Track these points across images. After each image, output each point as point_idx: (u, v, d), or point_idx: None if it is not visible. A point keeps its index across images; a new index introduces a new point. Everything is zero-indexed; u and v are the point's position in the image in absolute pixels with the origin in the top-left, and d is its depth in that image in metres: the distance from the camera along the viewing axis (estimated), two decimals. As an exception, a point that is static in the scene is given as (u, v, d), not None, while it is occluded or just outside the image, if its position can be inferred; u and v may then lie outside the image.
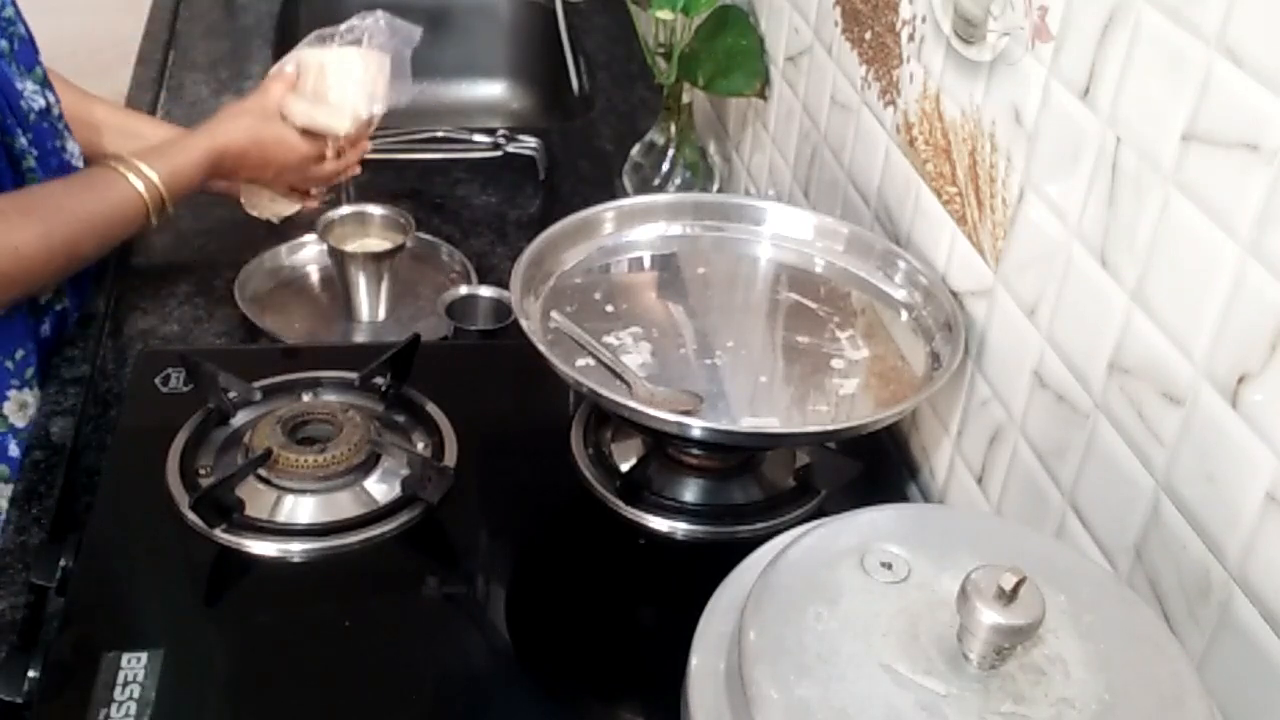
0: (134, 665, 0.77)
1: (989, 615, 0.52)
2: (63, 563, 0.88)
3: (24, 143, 1.11)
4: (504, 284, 1.15)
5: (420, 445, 0.98)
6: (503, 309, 1.19)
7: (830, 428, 0.90)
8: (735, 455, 0.96)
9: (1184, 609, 0.69)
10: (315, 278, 1.32)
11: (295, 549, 0.88)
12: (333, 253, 1.24)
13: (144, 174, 1.10)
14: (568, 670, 0.84)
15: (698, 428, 0.85)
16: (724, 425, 0.88)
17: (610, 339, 0.96)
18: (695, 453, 0.95)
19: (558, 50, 1.80)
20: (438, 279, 1.32)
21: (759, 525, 0.92)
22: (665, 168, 1.41)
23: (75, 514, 0.99)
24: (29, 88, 1.14)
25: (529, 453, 1.00)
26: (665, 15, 1.26)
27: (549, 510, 0.97)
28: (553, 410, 1.02)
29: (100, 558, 0.87)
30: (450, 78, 1.99)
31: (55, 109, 1.17)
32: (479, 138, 1.57)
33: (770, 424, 0.90)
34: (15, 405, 1.13)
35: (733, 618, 0.59)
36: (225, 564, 0.88)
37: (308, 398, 1.01)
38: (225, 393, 0.99)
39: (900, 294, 1.00)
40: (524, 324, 0.89)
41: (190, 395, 1.00)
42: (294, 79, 1.21)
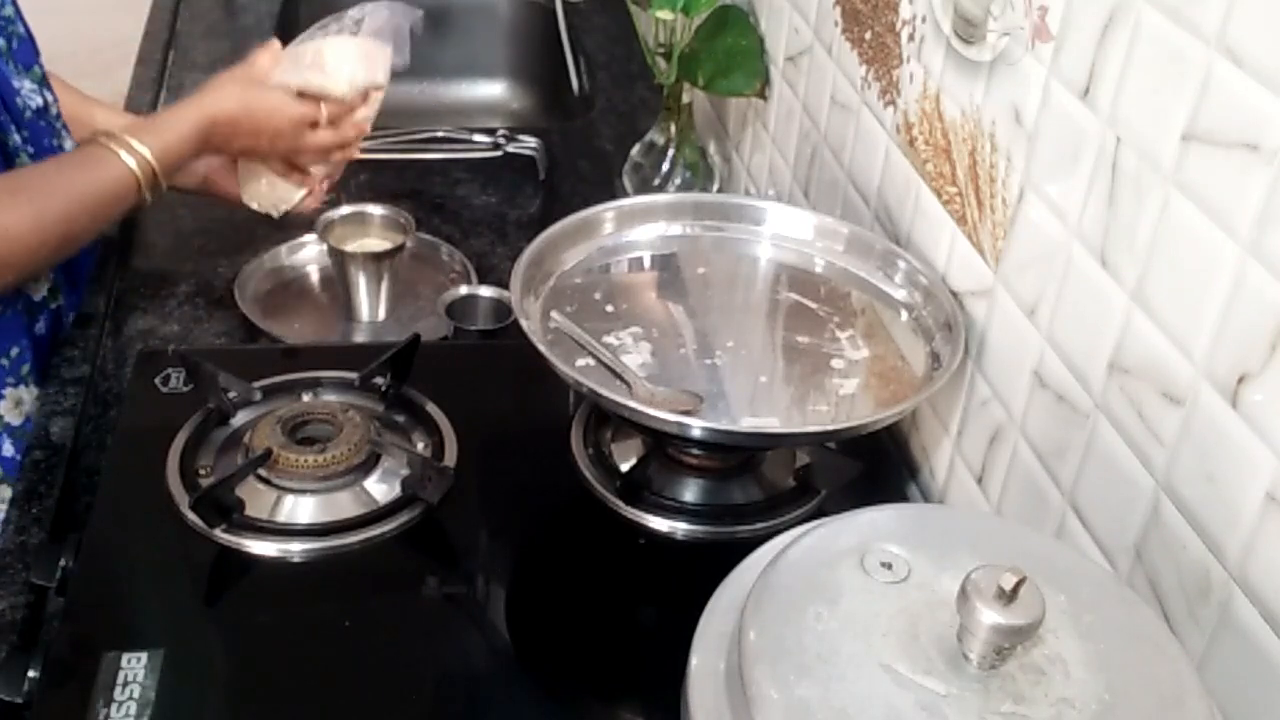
0: (134, 665, 0.77)
1: (989, 615, 0.52)
2: (63, 563, 0.88)
3: (18, 140, 1.11)
4: (504, 284, 1.15)
5: (420, 445, 0.98)
6: (503, 309, 1.19)
7: (830, 428, 0.90)
8: (735, 455, 0.96)
9: (1184, 609, 0.69)
10: (315, 278, 1.32)
11: (295, 549, 0.88)
12: (333, 253, 1.24)
13: (135, 150, 1.08)
14: (568, 670, 0.84)
15: (698, 428, 0.85)
16: (724, 425, 0.88)
17: (610, 339, 0.96)
18: (695, 453, 0.95)
19: (558, 50, 1.80)
20: (438, 279, 1.32)
21: (759, 525, 0.92)
22: (665, 168, 1.41)
23: (75, 514, 0.99)
24: (26, 86, 1.14)
25: (529, 453, 1.00)
26: (665, 15, 1.26)
27: (549, 510, 0.97)
28: (553, 410, 1.02)
29: (100, 558, 0.87)
30: (450, 78, 1.99)
31: (53, 108, 1.17)
32: (479, 138, 1.57)
33: (770, 424, 0.90)
34: (10, 403, 1.13)
35: (733, 618, 0.59)
36: (225, 564, 0.88)
37: (308, 398, 1.01)
38: (225, 393, 0.99)
39: (900, 294, 1.00)
40: (524, 324, 0.89)
41: (190, 395, 1.00)
42: (279, 49, 1.19)
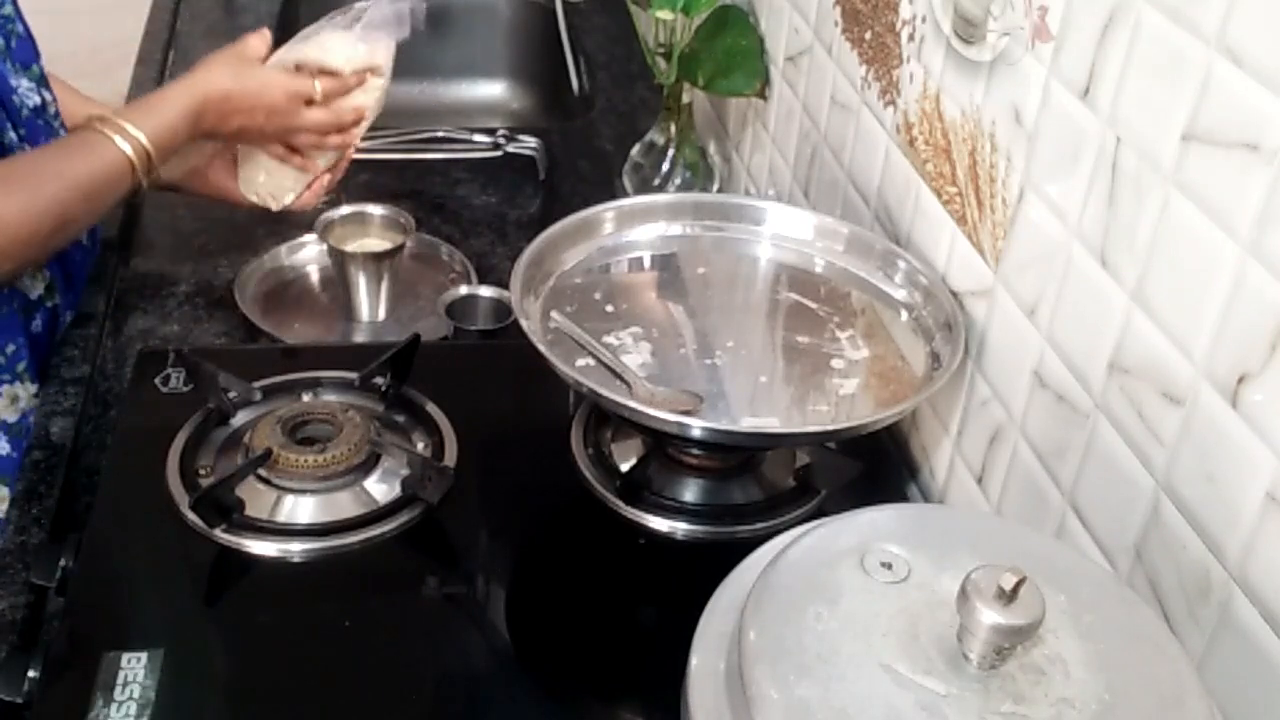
0: (134, 665, 0.77)
1: (989, 615, 0.52)
2: (63, 563, 0.88)
3: (14, 138, 1.10)
4: (504, 284, 1.15)
5: (420, 445, 0.98)
6: (503, 309, 1.19)
7: (830, 428, 0.90)
8: (735, 455, 0.96)
9: (1184, 609, 0.69)
10: (315, 278, 1.32)
11: (295, 549, 0.88)
12: (333, 253, 1.24)
13: (129, 133, 1.06)
14: (568, 670, 0.84)
15: (698, 428, 0.85)
16: (724, 425, 0.88)
17: (610, 339, 0.96)
18: (695, 453, 0.95)
19: (558, 50, 1.80)
20: (438, 279, 1.32)
21: (759, 525, 0.92)
22: (665, 168, 1.41)
23: (75, 514, 0.99)
24: (24, 84, 1.14)
25: (529, 453, 1.00)
26: (665, 15, 1.26)
27: (549, 510, 0.96)
28: (553, 410, 1.02)
29: (100, 558, 0.87)
30: (450, 78, 1.99)
31: (51, 107, 1.17)
32: (479, 138, 1.57)
33: (770, 424, 0.90)
34: (7, 400, 1.13)
35: (733, 618, 0.59)
36: (225, 564, 0.88)
37: (308, 398, 1.01)
38: (225, 393, 0.99)
39: (900, 294, 1.00)
40: (524, 324, 0.89)
41: (190, 395, 1.00)
42: (269, 35, 1.17)
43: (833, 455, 0.97)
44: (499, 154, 1.55)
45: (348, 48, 1.17)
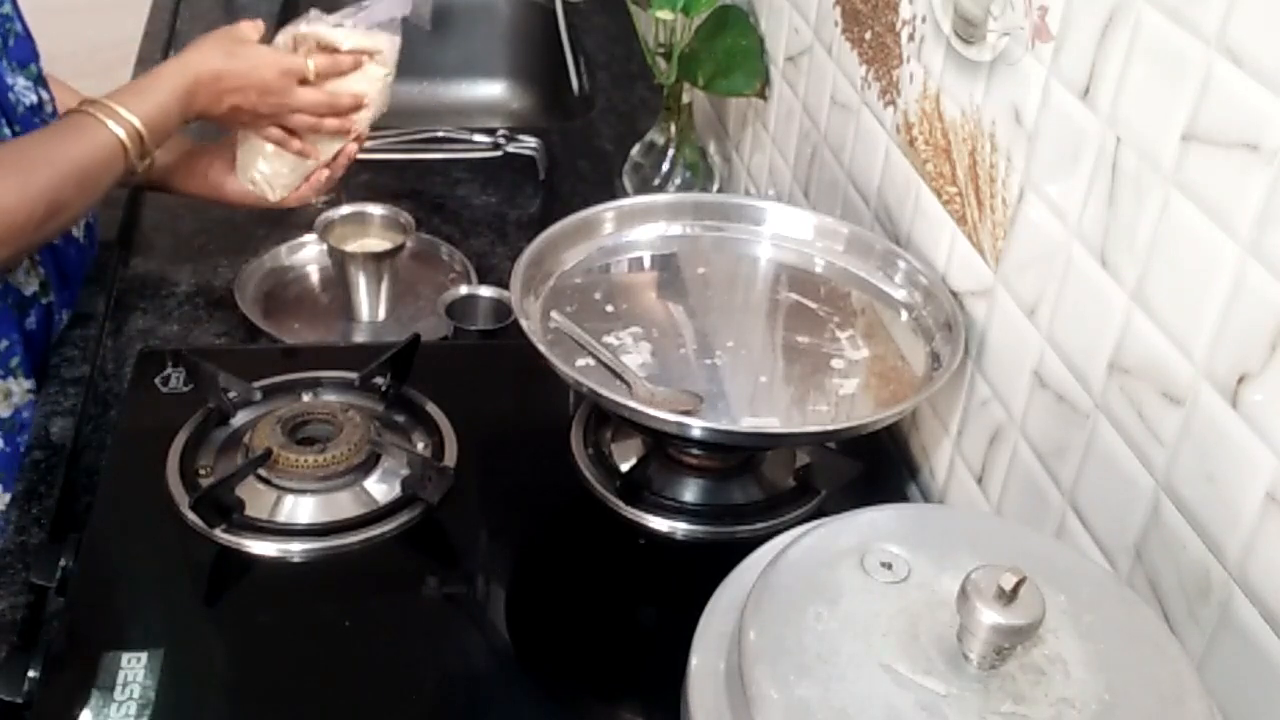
0: (134, 665, 0.77)
1: (989, 615, 0.52)
2: (63, 563, 0.88)
3: (9, 135, 1.10)
4: (504, 284, 1.15)
5: (420, 445, 0.98)
6: (503, 309, 1.19)
7: (830, 428, 0.90)
8: (735, 455, 0.96)
9: (1184, 609, 0.69)
10: (315, 278, 1.32)
11: (295, 549, 0.88)
12: (333, 253, 1.24)
13: (121, 116, 1.06)
14: (568, 670, 0.84)
15: (698, 428, 0.85)
16: (724, 425, 0.88)
17: (610, 339, 0.96)
18: (695, 453, 0.95)
19: (558, 50, 1.80)
20: (438, 279, 1.32)
21: (759, 525, 0.92)
22: (665, 168, 1.41)
23: (75, 514, 0.99)
24: (20, 83, 1.13)
25: (529, 453, 1.00)
26: (665, 15, 1.26)
27: (549, 510, 0.96)
28: (553, 410, 1.02)
29: (100, 558, 0.87)
30: (450, 78, 1.99)
31: (49, 106, 1.17)
32: (479, 138, 1.57)
33: (770, 424, 0.90)
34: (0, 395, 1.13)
35: (733, 618, 0.59)
36: (225, 564, 0.88)
37: (308, 398, 1.01)
38: (225, 393, 0.99)
39: (900, 294, 1.00)
40: (524, 324, 0.89)
41: (190, 395, 1.00)
42: (262, 24, 1.16)
43: (833, 455, 0.97)
44: (499, 154, 1.55)
45: (346, 27, 1.16)
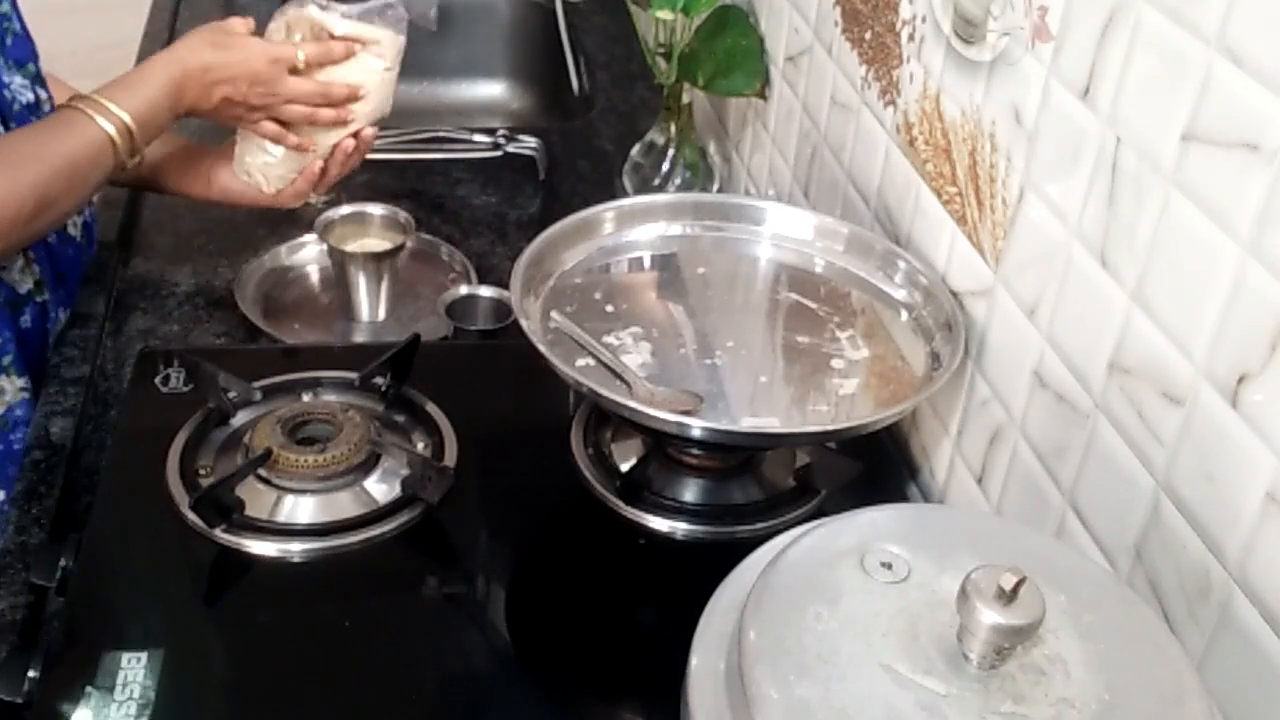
0: (134, 665, 0.77)
1: (989, 615, 0.52)
2: (63, 563, 0.88)
3: (2, 132, 1.10)
4: (504, 284, 1.15)
5: (420, 445, 0.98)
6: (503, 309, 1.19)
7: (830, 428, 0.90)
8: (735, 455, 0.96)
9: (1184, 609, 0.69)
10: (315, 278, 1.32)
11: (295, 549, 0.88)
12: (333, 253, 1.24)
13: (110, 111, 1.05)
14: (568, 670, 0.84)
15: (698, 428, 0.85)
16: (724, 425, 0.88)
17: (610, 339, 0.96)
18: (695, 453, 0.95)
19: (558, 50, 1.80)
20: (438, 279, 1.32)
21: (759, 525, 0.92)
22: (665, 168, 1.41)
23: (75, 514, 0.99)
24: (17, 81, 1.13)
25: (529, 453, 1.00)
26: (665, 15, 1.26)
27: (549, 510, 0.96)
28: (553, 410, 1.02)
29: (100, 558, 0.87)
30: (450, 78, 1.99)
31: (46, 105, 1.17)
32: (479, 138, 1.57)
33: (770, 424, 0.90)
34: None
35: (733, 618, 0.59)
36: (225, 564, 0.88)
37: (308, 398, 1.01)
38: (225, 393, 0.99)
39: (900, 294, 1.00)
40: (524, 324, 0.89)
41: (190, 395, 1.00)
42: (253, 21, 1.15)
43: (833, 455, 0.97)
44: (499, 154, 1.55)
45: (333, 12, 1.14)
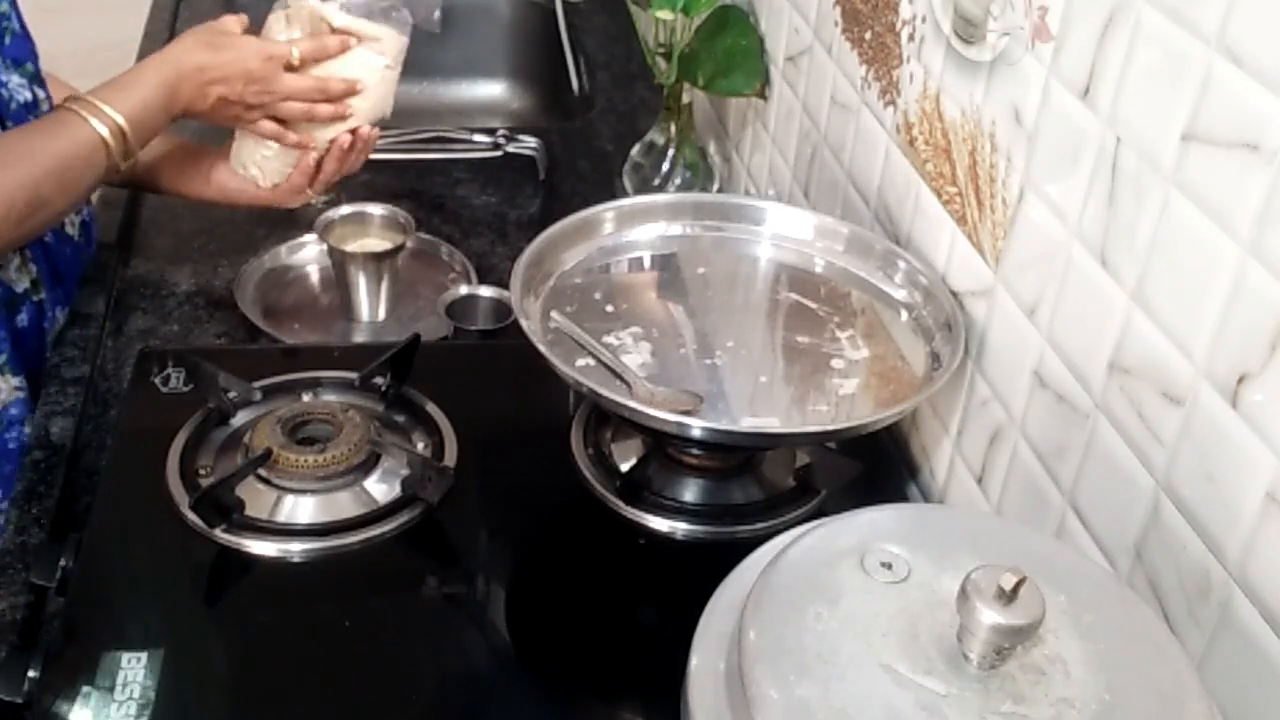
0: (134, 665, 0.77)
1: (989, 615, 0.52)
2: (63, 563, 0.88)
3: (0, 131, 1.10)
4: (504, 284, 1.15)
5: (420, 445, 0.98)
6: (503, 309, 1.19)
7: (830, 428, 0.90)
8: (735, 455, 0.96)
9: (1184, 609, 0.69)
10: (315, 278, 1.32)
11: (295, 549, 0.88)
12: (333, 253, 1.24)
13: (104, 113, 1.05)
14: (568, 670, 0.84)
15: (698, 428, 0.85)
16: (724, 425, 0.88)
17: (610, 339, 0.96)
18: (695, 453, 0.95)
19: (558, 50, 1.80)
20: (438, 279, 1.32)
21: (759, 525, 0.92)
22: (665, 168, 1.41)
23: (75, 514, 0.99)
24: (14, 80, 1.13)
25: (529, 453, 1.00)
26: (665, 15, 1.26)
27: (549, 510, 0.96)
28: (553, 410, 1.02)
29: (100, 558, 0.87)
30: (450, 78, 1.99)
31: (44, 104, 1.16)
32: (479, 138, 1.57)
33: (770, 424, 0.90)
34: None
35: (733, 618, 0.59)
36: (225, 564, 0.88)
37: (308, 398, 1.01)
38: (225, 393, 0.99)
39: (900, 294, 1.00)
40: (524, 324, 0.89)
41: (190, 395, 1.00)
42: (246, 18, 1.14)
43: (833, 455, 0.97)
44: (499, 154, 1.55)
45: (340, 4, 1.14)
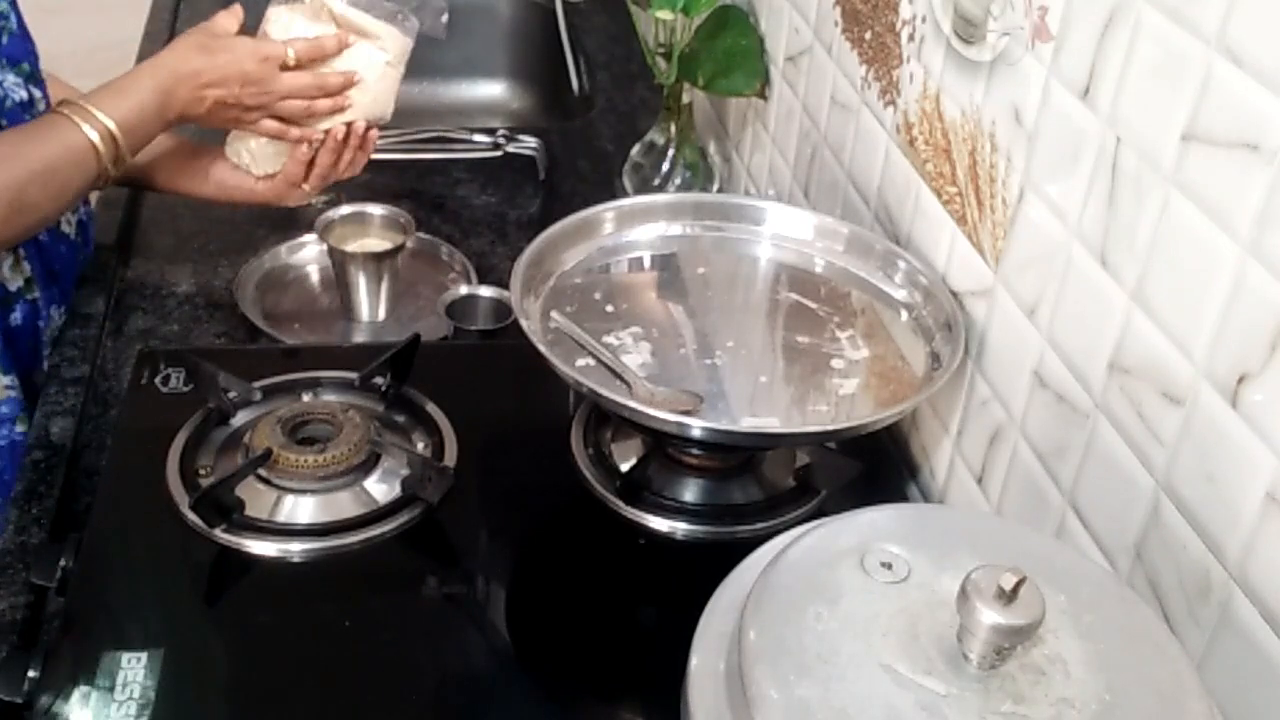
0: (134, 665, 0.77)
1: (989, 615, 0.52)
2: (63, 563, 0.88)
3: None
4: (504, 284, 1.15)
5: (420, 445, 0.98)
6: (503, 309, 1.19)
7: (830, 428, 0.90)
8: (735, 455, 0.96)
9: (1184, 609, 0.69)
10: (315, 278, 1.32)
11: (295, 549, 0.88)
12: (333, 253, 1.24)
13: (95, 118, 1.04)
14: (568, 670, 0.84)
15: (698, 428, 0.85)
16: (724, 425, 0.88)
17: (610, 339, 0.96)
18: (695, 453, 0.95)
19: (558, 50, 1.80)
20: (438, 279, 1.32)
21: (759, 525, 0.92)
22: (665, 168, 1.41)
23: (75, 514, 0.99)
24: (9, 79, 1.13)
25: (529, 453, 1.00)
26: (665, 15, 1.26)
27: (549, 510, 0.96)
28: (553, 410, 1.02)
29: (100, 558, 0.87)
30: (450, 78, 1.99)
31: (41, 104, 1.16)
32: (479, 138, 1.57)
33: (770, 424, 0.90)
34: None
35: (733, 618, 0.59)
36: (225, 564, 0.88)
37: (308, 398, 1.01)
38: (225, 393, 0.99)
39: (900, 294, 1.00)
40: (524, 324, 0.89)
41: (190, 395, 1.00)
42: (240, 11, 1.14)
43: (833, 455, 0.97)
44: (499, 154, 1.55)
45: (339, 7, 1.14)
